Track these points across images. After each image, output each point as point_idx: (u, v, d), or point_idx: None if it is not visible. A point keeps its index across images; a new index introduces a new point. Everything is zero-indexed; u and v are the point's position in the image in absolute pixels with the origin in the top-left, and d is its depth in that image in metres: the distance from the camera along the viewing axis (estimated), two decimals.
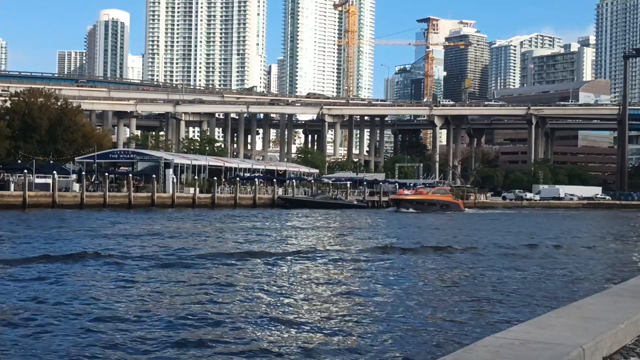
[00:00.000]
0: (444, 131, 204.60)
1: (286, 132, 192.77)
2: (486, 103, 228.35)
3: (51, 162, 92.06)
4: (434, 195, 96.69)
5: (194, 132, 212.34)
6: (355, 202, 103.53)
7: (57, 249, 32.60)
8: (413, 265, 30.09)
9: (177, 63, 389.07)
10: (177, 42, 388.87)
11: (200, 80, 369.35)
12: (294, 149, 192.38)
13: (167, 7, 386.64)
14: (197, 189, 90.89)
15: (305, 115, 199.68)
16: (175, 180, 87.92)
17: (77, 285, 22.25)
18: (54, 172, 77.42)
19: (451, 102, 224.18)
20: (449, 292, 22.25)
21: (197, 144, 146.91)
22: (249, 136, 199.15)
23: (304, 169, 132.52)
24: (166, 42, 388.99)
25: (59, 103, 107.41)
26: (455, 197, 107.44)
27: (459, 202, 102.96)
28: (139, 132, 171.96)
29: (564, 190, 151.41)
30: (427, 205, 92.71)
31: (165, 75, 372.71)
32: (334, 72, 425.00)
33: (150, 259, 29.40)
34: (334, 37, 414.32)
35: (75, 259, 28.74)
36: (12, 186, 76.14)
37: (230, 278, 24.62)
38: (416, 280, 25.46)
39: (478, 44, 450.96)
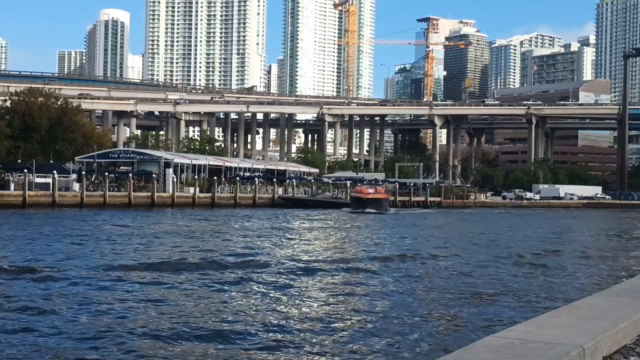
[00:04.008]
0: (444, 131, 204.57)
1: (286, 132, 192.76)
2: (486, 102, 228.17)
3: (51, 161, 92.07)
4: (385, 194, 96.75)
5: (194, 131, 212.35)
6: None
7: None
8: (409, 269, 30.10)
9: (177, 63, 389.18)
10: (177, 41, 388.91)
11: (200, 79, 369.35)
12: (294, 148, 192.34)
13: (167, 7, 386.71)
14: (197, 189, 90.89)
15: (305, 115, 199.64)
16: (175, 179, 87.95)
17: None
18: (54, 171, 77.45)
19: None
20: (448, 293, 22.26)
21: (197, 143, 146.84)
22: (249, 136, 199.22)
23: (304, 169, 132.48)
24: (166, 41, 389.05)
25: (59, 102, 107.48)
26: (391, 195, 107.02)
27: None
28: (139, 132, 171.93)
29: (564, 189, 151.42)
30: (380, 204, 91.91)
31: (165, 75, 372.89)
32: (334, 72, 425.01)
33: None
34: (334, 36, 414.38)
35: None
36: (12, 186, 76.10)
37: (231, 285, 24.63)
38: (411, 282, 25.46)
39: (478, 44, 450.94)
